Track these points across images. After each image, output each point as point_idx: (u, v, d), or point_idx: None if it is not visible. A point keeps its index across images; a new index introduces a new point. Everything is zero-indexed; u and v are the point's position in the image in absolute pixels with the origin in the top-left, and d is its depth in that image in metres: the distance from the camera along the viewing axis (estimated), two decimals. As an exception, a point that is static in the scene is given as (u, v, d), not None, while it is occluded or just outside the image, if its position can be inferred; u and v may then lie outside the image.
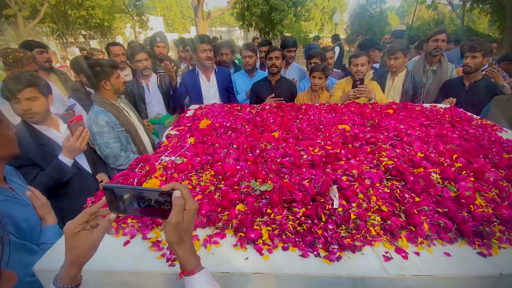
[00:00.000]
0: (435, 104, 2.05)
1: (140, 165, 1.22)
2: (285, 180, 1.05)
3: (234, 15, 19.01)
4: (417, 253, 0.77)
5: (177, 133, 1.67)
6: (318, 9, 35.46)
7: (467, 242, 0.81)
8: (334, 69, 3.51)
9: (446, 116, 1.69)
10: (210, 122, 1.67)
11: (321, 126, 1.61)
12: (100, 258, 0.78)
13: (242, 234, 0.84)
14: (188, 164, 1.20)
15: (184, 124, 1.77)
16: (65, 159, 1.39)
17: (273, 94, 2.56)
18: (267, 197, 0.96)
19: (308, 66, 3.02)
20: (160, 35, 3.15)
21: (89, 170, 1.65)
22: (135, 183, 1.08)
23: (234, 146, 1.34)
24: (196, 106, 2.27)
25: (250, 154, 1.26)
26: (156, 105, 2.49)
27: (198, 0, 14.59)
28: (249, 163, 1.20)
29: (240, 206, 0.93)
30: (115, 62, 1.85)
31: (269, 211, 0.91)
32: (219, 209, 0.93)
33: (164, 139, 1.67)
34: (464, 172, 1.01)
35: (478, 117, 1.81)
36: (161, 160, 1.26)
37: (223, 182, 1.07)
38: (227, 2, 17.00)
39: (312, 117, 1.81)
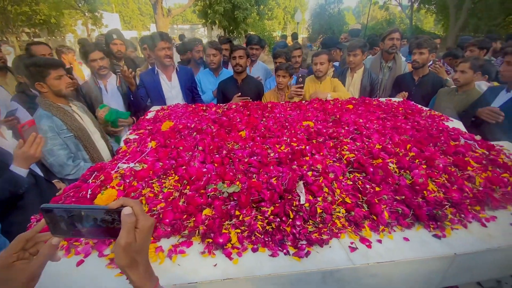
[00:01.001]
0: (390, 98, 2.20)
1: (94, 174, 1.11)
2: (253, 180, 1.03)
3: (196, 13, 18.51)
4: (380, 241, 0.81)
5: (137, 137, 1.57)
6: (281, 8, 36.09)
7: (423, 226, 0.87)
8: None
9: (400, 109, 1.82)
10: (173, 124, 1.59)
11: (286, 124, 1.62)
12: (48, 283, 0.69)
13: (210, 240, 0.81)
14: (149, 170, 1.12)
15: (145, 127, 1.66)
16: (19, 169, 1.23)
17: (240, 93, 2.54)
18: (235, 198, 0.94)
19: (274, 65, 3.06)
20: (116, 32, 2.93)
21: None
22: (88, 195, 0.98)
23: (200, 148, 1.28)
24: (158, 107, 2.15)
25: (217, 156, 1.23)
26: (115, 107, 2.31)
27: (157, -4, 13.92)
28: (215, 165, 1.16)
29: (207, 211, 0.89)
30: (55, 61, 1.66)
31: (237, 213, 0.89)
32: (185, 216, 0.88)
33: (122, 144, 1.55)
34: (417, 160, 1.09)
35: (427, 108, 1.97)
36: (118, 167, 1.16)
37: (188, 187, 1.02)
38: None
39: (278, 115, 1.82)
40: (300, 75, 2.21)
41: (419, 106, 1.98)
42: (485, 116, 1.76)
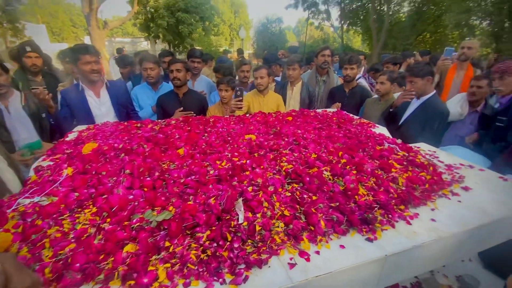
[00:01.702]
0: (326, 109, 2.36)
1: (-20, 217, 0.87)
2: (189, 203, 0.94)
3: (137, 26, 17.71)
4: (318, 252, 0.80)
5: (52, 163, 1.32)
6: (226, 25, 37.12)
7: (356, 230, 0.89)
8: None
9: (334, 118, 1.95)
10: (97, 146, 1.39)
11: (229, 138, 1.58)
12: None
13: (133, 282, 0.68)
14: (59, 204, 0.93)
15: (62, 151, 1.42)
16: None
17: (181, 108, 2.42)
18: (166, 227, 0.83)
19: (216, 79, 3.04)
20: (31, 44, 2.55)
21: None
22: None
23: (127, 171, 1.13)
24: (84, 127, 1.89)
25: (148, 179, 1.09)
26: (23, 130, 1.95)
27: (90, 8, 12.87)
28: (145, 189, 1.03)
29: (129, 247, 0.76)
30: None
31: (167, 244, 0.78)
32: (101, 257, 0.73)
33: (31, 173, 1.28)
34: (348, 166, 1.15)
35: (358, 117, 2.17)
36: (18, 204, 0.94)
37: (108, 219, 0.87)
38: (127, 12, 15.67)
39: (221, 129, 1.77)
40: (237, 89, 2.23)
41: (351, 115, 2.16)
42: (400, 101, 2.19)
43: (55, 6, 35.08)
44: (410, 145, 1.61)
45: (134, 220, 0.85)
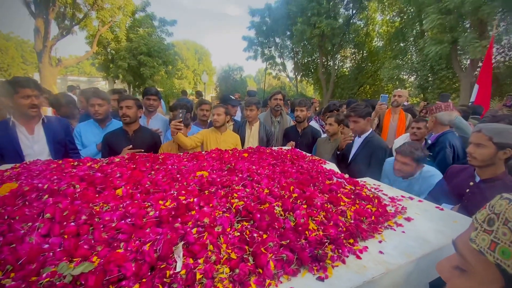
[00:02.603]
0: (281, 147, 2.44)
1: None
2: (118, 251, 0.80)
3: (95, 66, 17.31)
4: (266, 299, 0.71)
5: None
6: (190, 70, 38.69)
7: (307, 270, 0.84)
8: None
9: (288, 155, 2.01)
10: (17, 186, 1.17)
11: (178, 176, 1.48)
12: None
13: None
14: None
15: (-33, 195, 1.16)
16: None
17: (130, 146, 2.27)
18: (83, 282, 0.67)
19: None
20: None
21: None
22: None
23: (47, 215, 0.95)
24: (9, 166, 1.61)
25: (72, 224, 0.92)
26: None
27: (44, 45, 12.37)
28: (66, 236, 0.86)
29: (25, 313, 0.59)
30: None
31: (80, 305, 0.62)
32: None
33: None
34: (299, 201, 1.14)
35: (310, 154, 2.26)
36: None
37: (12, 274, 0.68)
38: (85, 52, 15.40)
39: (170, 166, 1.66)
40: (180, 111, 2.25)
41: (304, 153, 2.24)
42: (343, 143, 2.38)
43: (7, 42, 33.04)
44: (357, 179, 1.70)
45: (43, 275, 0.68)
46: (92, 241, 0.84)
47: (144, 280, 0.70)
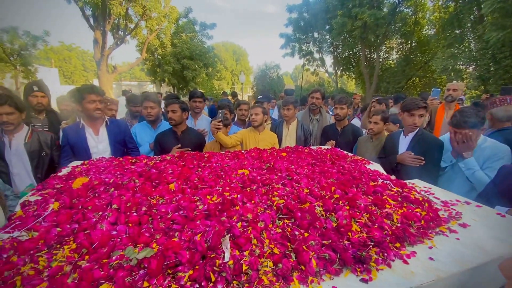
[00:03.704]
0: (320, 146, 2.40)
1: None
2: (173, 239, 0.90)
3: (144, 71, 18.91)
4: (309, 295, 0.74)
5: (40, 198, 1.29)
6: (228, 71, 39.87)
7: (350, 270, 0.84)
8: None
9: (328, 155, 1.97)
10: (88, 180, 1.38)
11: (222, 173, 1.57)
12: None
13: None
14: (38, 239, 0.89)
15: (52, 186, 1.40)
16: None
17: (179, 145, 2.47)
18: (146, 266, 0.78)
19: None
20: (38, 84, 2.70)
21: None
22: None
23: (114, 206, 1.11)
24: (79, 163, 1.89)
25: (134, 214, 1.06)
26: (16, 165, 1.96)
27: (101, 54, 13.95)
28: (130, 225, 0.99)
29: (104, 287, 0.70)
30: None
31: (146, 284, 0.73)
32: (72, 298, 0.68)
33: (18, 208, 1.25)
34: (340, 202, 1.13)
35: (352, 154, 2.19)
36: (-5, 239, 0.90)
37: (87, 257, 0.82)
38: (136, 58, 16.94)
39: (214, 164, 1.77)
40: (220, 111, 2.36)
41: (345, 152, 2.18)
42: (409, 162, 2.04)
43: (69, 52, 38.09)
44: (405, 181, 1.60)
45: (113, 258, 0.80)
46: (152, 230, 0.96)
47: (197, 267, 0.78)
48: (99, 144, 2.25)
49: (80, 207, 1.11)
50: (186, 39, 17.12)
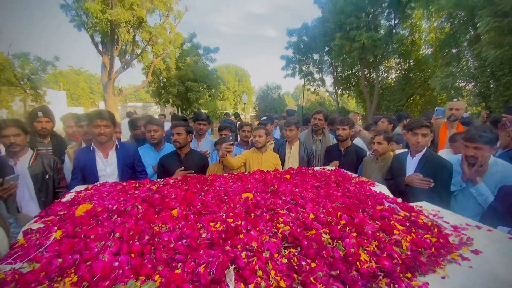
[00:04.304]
0: (324, 167, 2.39)
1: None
2: (176, 271, 0.88)
3: (149, 93, 19.43)
4: (318, 334, 0.70)
5: (43, 226, 1.28)
6: (231, 91, 40.88)
7: (361, 304, 0.80)
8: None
9: (332, 177, 1.96)
10: (91, 207, 1.37)
11: (225, 197, 1.56)
12: None
13: None
14: (40, 271, 0.87)
15: (56, 213, 1.39)
16: None
17: (182, 167, 2.47)
18: (148, 300, 0.75)
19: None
20: (43, 109, 2.76)
21: None
22: None
23: (117, 235, 1.09)
24: (82, 187, 1.89)
25: (137, 243, 1.04)
26: (20, 188, 1.97)
27: (108, 77, 14.43)
28: (132, 255, 0.97)
29: (104, 324, 0.68)
30: None
31: (147, 321, 0.70)
32: (70, 338, 0.65)
33: (20, 236, 1.24)
34: (347, 228, 1.10)
35: (356, 175, 2.17)
36: (-5, 272, 0.88)
37: (88, 290, 0.80)
38: (142, 81, 17.48)
39: (218, 188, 1.76)
40: (230, 134, 2.37)
41: (349, 173, 2.16)
42: (417, 184, 2.00)
43: (78, 76, 39.53)
44: (412, 204, 1.56)
45: (115, 292, 0.78)
46: (154, 261, 0.94)
47: (200, 302, 0.75)
48: (107, 167, 2.28)
49: (82, 236, 1.09)
50: (191, 62, 17.74)
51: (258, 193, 1.62)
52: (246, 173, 2.23)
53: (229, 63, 43.25)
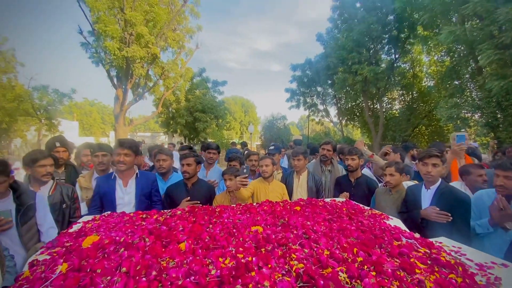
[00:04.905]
0: (334, 199, 2.32)
1: None
2: (184, 311, 0.82)
3: (159, 123, 20.01)
4: None
5: (49, 257, 1.25)
6: (237, 122, 41.91)
7: None
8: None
9: (344, 209, 1.90)
10: (98, 239, 1.34)
11: (234, 230, 1.51)
12: None
13: None
14: (42, 309, 0.83)
15: (62, 244, 1.36)
16: None
17: (189, 198, 2.44)
18: None
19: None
20: (60, 139, 2.85)
21: None
22: None
23: (123, 269, 1.05)
24: (90, 217, 1.87)
25: (144, 279, 1.00)
26: (41, 217, 1.95)
27: (120, 109, 15.03)
28: (139, 292, 0.92)
29: None
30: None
31: None
32: None
33: (26, 267, 1.20)
34: (365, 266, 1.04)
35: (368, 208, 2.09)
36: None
37: (91, 332, 0.75)
38: (152, 112, 18.13)
39: (226, 220, 1.71)
40: (244, 167, 2.33)
41: (361, 205, 2.09)
42: (434, 218, 1.92)
43: (91, 107, 41.43)
44: (431, 239, 1.48)
45: (119, 335, 0.73)
46: (162, 299, 0.89)
47: None
48: (125, 196, 2.28)
49: (88, 270, 1.05)
50: (199, 95, 18.52)
51: (268, 226, 1.56)
52: (254, 204, 2.18)
53: (236, 95, 44.96)
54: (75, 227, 1.64)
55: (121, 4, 13.07)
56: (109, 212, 1.98)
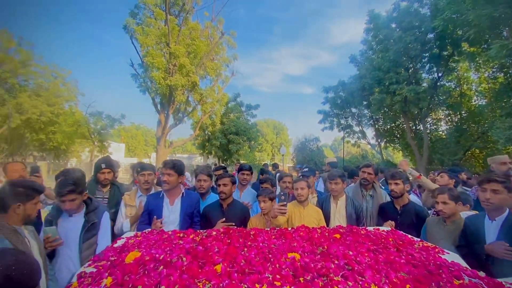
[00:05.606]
0: (378, 227, 2.13)
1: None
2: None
3: (195, 145, 21.04)
4: None
5: (95, 270, 1.33)
6: (269, 143, 42.22)
7: None
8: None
9: (390, 239, 1.72)
10: (140, 255, 1.39)
11: (270, 256, 1.45)
12: None
13: None
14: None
15: (107, 258, 1.44)
16: None
17: (224, 219, 2.45)
18: None
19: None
20: (106, 161, 3.02)
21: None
22: None
23: (162, 287, 1.06)
24: (132, 233, 1.97)
25: (181, 299, 1.00)
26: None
27: (162, 132, 16.23)
28: (177, 313, 0.92)
29: None
30: (41, 187, 1.68)
31: None
32: None
33: (74, 279, 1.29)
34: (422, 307, 0.90)
35: (419, 239, 1.88)
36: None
37: None
38: (189, 135, 19.26)
39: (261, 244, 1.67)
40: (282, 193, 2.26)
41: (409, 236, 1.89)
42: (503, 255, 1.65)
43: (137, 131, 45.54)
44: (499, 280, 1.25)
45: None
46: (199, 323, 0.87)
47: None
48: (171, 214, 2.38)
49: (130, 286, 1.09)
50: (234, 118, 19.31)
51: (306, 254, 1.48)
52: (289, 228, 2.10)
53: (268, 118, 45.77)
54: (119, 242, 1.73)
55: (167, 39, 14.64)
56: (149, 229, 2.06)
